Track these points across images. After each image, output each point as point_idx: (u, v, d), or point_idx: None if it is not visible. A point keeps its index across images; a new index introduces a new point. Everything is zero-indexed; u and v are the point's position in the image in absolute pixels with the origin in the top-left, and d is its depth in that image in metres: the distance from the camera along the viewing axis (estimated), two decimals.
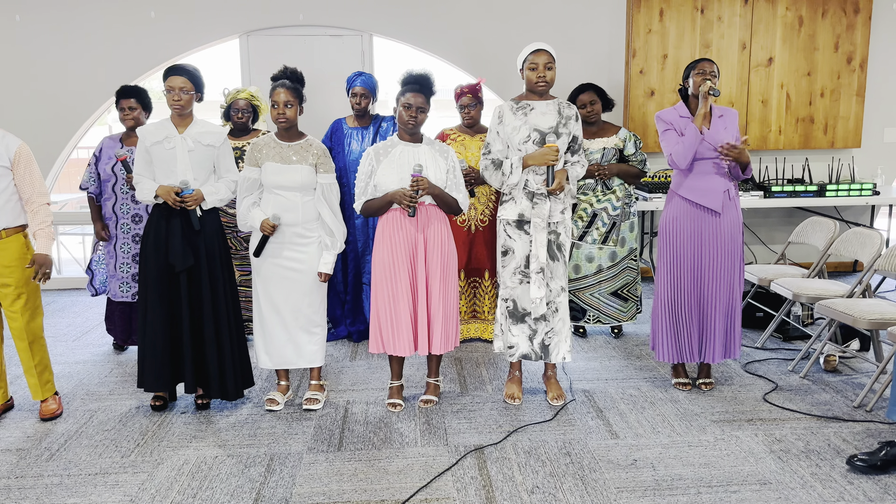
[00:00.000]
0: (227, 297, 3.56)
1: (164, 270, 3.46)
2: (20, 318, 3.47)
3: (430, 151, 3.50)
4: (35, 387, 3.58)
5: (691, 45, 5.96)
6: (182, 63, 3.47)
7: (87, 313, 5.55)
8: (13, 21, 5.85)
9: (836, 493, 2.81)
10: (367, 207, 3.51)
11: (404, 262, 3.47)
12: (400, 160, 3.45)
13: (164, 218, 3.45)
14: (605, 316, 4.66)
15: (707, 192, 3.65)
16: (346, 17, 5.96)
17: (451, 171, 3.52)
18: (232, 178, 3.58)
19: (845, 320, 3.67)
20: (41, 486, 2.94)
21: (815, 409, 3.60)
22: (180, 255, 3.42)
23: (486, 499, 2.81)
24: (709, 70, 3.61)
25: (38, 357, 3.56)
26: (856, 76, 6.11)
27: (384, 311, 3.52)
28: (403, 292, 3.48)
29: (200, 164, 3.47)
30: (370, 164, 3.49)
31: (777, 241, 6.47)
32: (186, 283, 3.46)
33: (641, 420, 3.49)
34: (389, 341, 3.53)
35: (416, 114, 3.43)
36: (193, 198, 3.39)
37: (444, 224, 3.56)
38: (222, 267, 3.54)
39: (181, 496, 2.86)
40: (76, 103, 5.99)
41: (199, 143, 3.46)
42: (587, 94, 4.54)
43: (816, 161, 6.35)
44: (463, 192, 3.55)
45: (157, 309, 3.47)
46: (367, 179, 3.49)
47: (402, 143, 3.50)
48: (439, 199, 3.48)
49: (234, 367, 3.58)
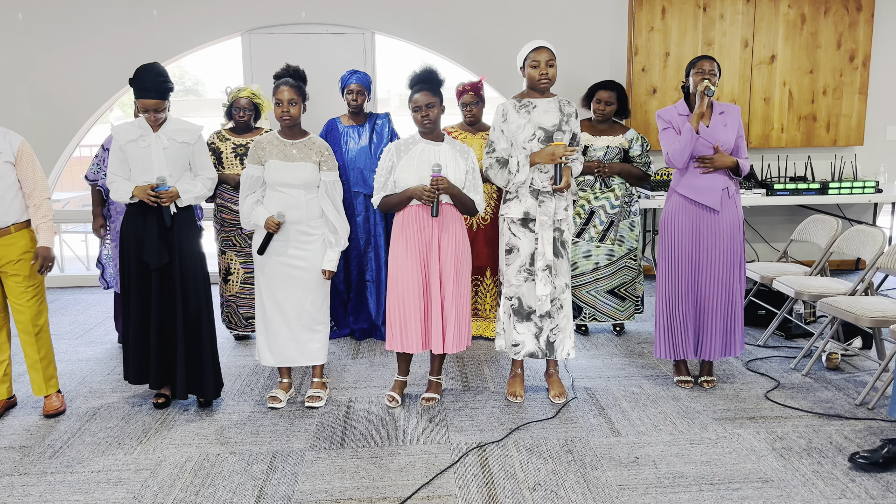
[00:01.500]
0: (200, 295, 3.54)
1: (140, 268, 3.48)
2: (27, 311, 3.51)
3: (451, 151, 3.50)
4: (39, 382, 3.60)
5: (693, 43, 5.96)
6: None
7: (89, 311, 5.56)
8: (15, 19, 5.86)
9: (838, 491, 2.82)
10: (386, 203, 3.51)
11: (417, 259, 3.48)
12: (420, 158, 3.45)
13: (141, 216, 3.47)
14: (601, 314, 4.66)
15: (705, 190, 3.65)
16: (348, 14, 5.96)
17: (470, 172, 3.52)
18: (208, 175, 3.59)
19: (847, 318, 3.67)
20: (44, 484, 2.95)
21: (817, 406, 3.60)
22: (155, 252, 3.43)
23: (487, 496, 2.82)
24: (708, 69, 3.61)
25: (42, 351, 3.59)
26: (858, 74, 6.10)
27: (397, 307, 3.52)
28: (415, 289, 3.48)
29: (175, 162, 3.48)
30: (390, 159, 3.49)
31: (779, 239, 6.46)
32: (158, 280, 3.48)
33: (643, 418, 3.50)
34: (398, 337, 3.53)
35: (426, 112, 3.43)
36: (169, 194, 3.40)
37: (459, 224, 3.56)
38: (195, 265, 3.54)
39: (184, 493, 2.86)
40: (78, 102, 5.99)
41: (174, 141, 3.47)
42: (607, 92, 4.50)
43: (819, 159, 6.34)
44: (480, 193, 3.55)
45: (137, 305, 3.50)
46: (386, 175, 3.49)
47: (424, 141, 3.50)
48: (457, 200, 3.48)
49: (214, 365, 3.60)
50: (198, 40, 5.97)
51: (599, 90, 4.53)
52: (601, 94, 4.51)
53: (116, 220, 4.39)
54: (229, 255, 4.58)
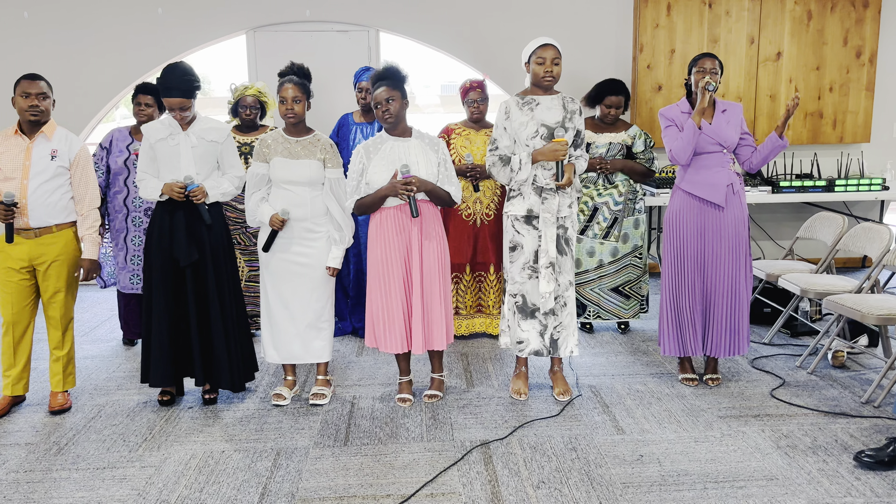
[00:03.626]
0: (232, 290, 3.58)
1: (168, 266, 3.48)
2: (59, 308, 3.57)
3: (420, 145, 3.49)
4: (59, 377, 3.64)
5: (699, 39, 5.94)
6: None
7: (94, 308, 5.58)
8: (21, 18, 5.88)
9: (843, 489, 2.81)
10: (360, 205, 3.49)
11: (398, 259, 3.47)
12: (390, 156, 3.44)
13: (169, 213, 3.47)
14: (606, 312, 4.65)
15: (710, 187, 3.65)
16: (352, 12, 5.96)
17: (442, 164, 3.50)
18: (236, 173, 3.60)
19: (854, 316, 3.66)
20: (49, 480, 2.96)
21: (823, 404, 3.59)
22: (185, 249, 3.44)
23: (491, 493, 2.81)
24: (709, 67, 3.62)
25: (67, 346, 3.65)
26: (865, 71, 6.06)
27: (377, 308, 3.52)
28: (397, 290, 3.48)
29: (204, 160, 3.49)
30: (360, 161, 3.47)
31: (785, 236, 6.44)
32: (192, 277, 3.48)
33: (648, 415, 3.49)
34: (382, 338, 3.53)
35: (386, 107, 3.39)
36: (200, 191, 3.41)
37: (436, 220, 3.55)
38: (226, 261, 3.56)
39: (188, 490, 2.87)
40: (83, 100, 6.01)
41: (203, 140, 3.48)
42: (618, 98, 4.48)
43: (825, 156, 6.32)
44: (455, 184, 3.53)
45: (162, 305, 3.49)
46: (358, 177, 3.48)
47: (392, 139, 3.48)
48: (432, 194, 3.47)
49: (240, 360, 3.61)
50: (203, 38, 5.98)
51: (609, 95, 4.49)
52: (611, 100, 4.48)
53: (115, 219, 4.40)
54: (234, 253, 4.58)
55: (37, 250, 3.48)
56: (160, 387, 3.62)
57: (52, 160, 3.46)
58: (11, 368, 3.59)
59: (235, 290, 3.62)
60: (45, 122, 3.49)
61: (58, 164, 3.47)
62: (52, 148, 3.47)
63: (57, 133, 3.51)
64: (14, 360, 3.58)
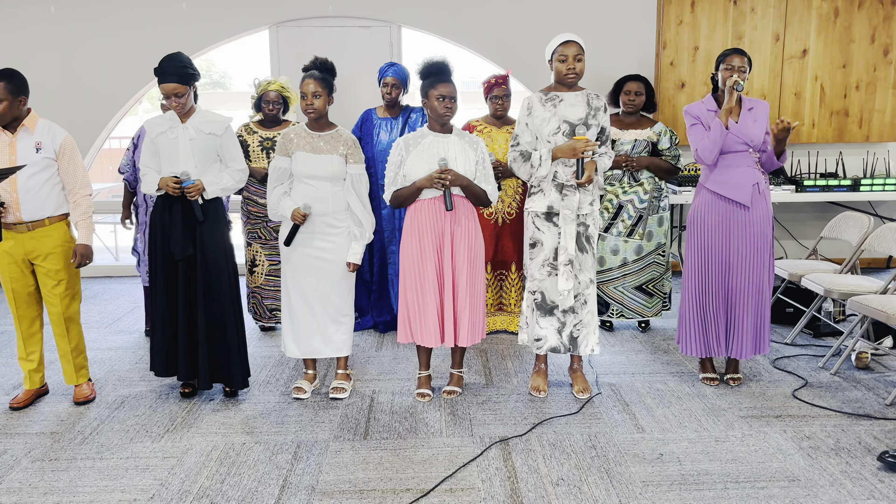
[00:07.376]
0: (224, 286, 3.55)
1: (167, 259, 3.52)
2: (59, 304, 3.56)
3: (460, 142, 3.50)
4: (69, 372, 3.66)
5: (723, 36, 5.88)
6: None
7: (118, 300, 5.64)
8: (48, 12, 5.95)
9: (867, 491, 2.78)
10: (397, 197, 3.51)
11: (431, 253, 3.48)
12: (429, 151, 3.45)
13: (167, 208, 3.50)
14: (629, 311, 4.63)
15: (735, 186, 3.61)
16: (374, 8, 5.97)
17: (480, 163, 3.51)
18: (237, 166, 3.60)
19: (878, 317, 3.61)
20: (74, 469, 3.00)
21: (846, 406, 3.55)
22: (180, 244, 3.46)
23: (510, 490, 2.82)
24: (738, 65, 3.56)
25: (74, 342, 3.64)
26: (892, 68, 5.98)
27: (412, 302, 3.53)
28: (430, 284, 3.49)
29: (202, 153, 3.50)
30: (400, 154, 3.49)
31: (809, 236, 6.37)
32: (185, 272, 3.51)
33: (668, 414, 3.47)
34: (417, 332, 3.54)
35: (450, 104, 3.43)
36: (195, 188, 3.43)
37: (472, 216, 3.55)
38: (220, 257, 3.55)
39: (210, 481, 2.90)
40: (108, 95, 6.07)
41: (201, 132, 3.49)
42: (636, 83, 4.48)
43: (850, 155, 6.24)
44: (492, 183, 3.54)
45: (164, 297, 3.54)
46: (396, 169, 3.50)
47: (432, 134, 3.50)
48: (468, 191, 3.47)
49: (241, 356, 3.62)
50: (226, 33, 6.02)
51: (627, 82, 4.49)
52: (630, 86, 4.47)
53: (141, 213, 4.45)
54: (255, 247, 4.62)
55: (31, 244, 3.47)
56: (162, 377, 3.66)
57: (37, 153, 3.42)
58: (27, 362, 3.63)
59: (231, 290, 3.58)
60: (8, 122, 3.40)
61: (43, 155, 3.43)
62: (37, 140, 3.43)
63: (39, 125, 3.46)
64: (26, 353, 3.61)
